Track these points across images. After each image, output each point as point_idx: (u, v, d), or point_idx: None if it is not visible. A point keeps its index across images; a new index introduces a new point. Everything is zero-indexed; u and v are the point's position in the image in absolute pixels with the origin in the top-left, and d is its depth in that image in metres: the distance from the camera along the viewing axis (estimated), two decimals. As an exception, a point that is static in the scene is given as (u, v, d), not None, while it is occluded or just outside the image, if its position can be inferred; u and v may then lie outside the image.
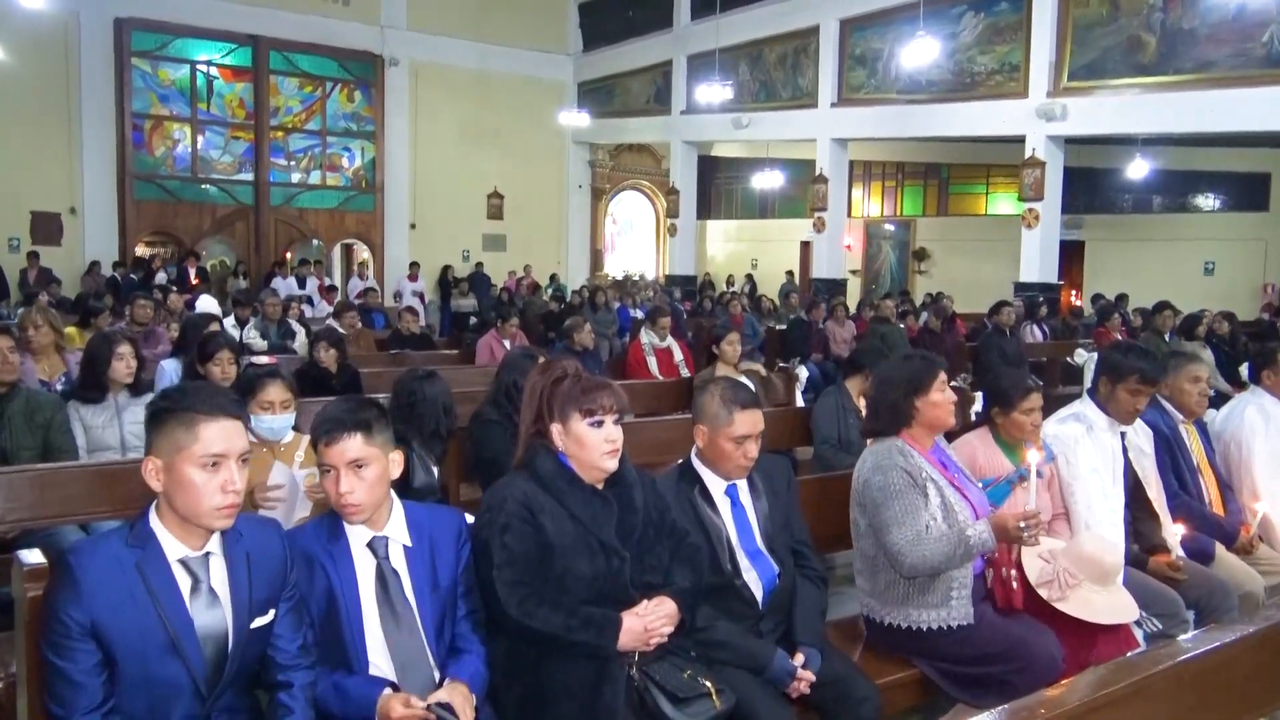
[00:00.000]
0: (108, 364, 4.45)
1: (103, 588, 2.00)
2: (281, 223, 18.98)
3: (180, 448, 2.03)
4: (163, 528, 2.08)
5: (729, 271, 23.53)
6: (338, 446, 2.31)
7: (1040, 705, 1.92)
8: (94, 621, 1.97)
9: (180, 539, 2.08)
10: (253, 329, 9.00)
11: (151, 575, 2.04)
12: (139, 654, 2.01)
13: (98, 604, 1.98)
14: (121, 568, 2.03)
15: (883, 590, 3.14)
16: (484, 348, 8.52)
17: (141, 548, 2.06)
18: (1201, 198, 19.63)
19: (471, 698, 2.31)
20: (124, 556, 2.04)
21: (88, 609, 1.97)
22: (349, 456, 2.31)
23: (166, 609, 2.03)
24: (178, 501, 2.05)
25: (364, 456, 2.32)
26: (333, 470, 2.32)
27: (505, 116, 20.89)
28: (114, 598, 2.00)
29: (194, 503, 2.04)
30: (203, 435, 2.04)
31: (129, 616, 2.00)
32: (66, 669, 1.96)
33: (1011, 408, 3.57)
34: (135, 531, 2.08)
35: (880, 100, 15.61)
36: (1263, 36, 11.48)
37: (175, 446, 2.03)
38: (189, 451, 2.03)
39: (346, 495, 2.30)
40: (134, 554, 2.04)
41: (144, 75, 17.49)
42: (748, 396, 2.96)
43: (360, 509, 2.33)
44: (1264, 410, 4.27)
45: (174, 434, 2.04)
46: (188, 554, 2.08)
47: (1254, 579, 3.79)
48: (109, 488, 3.80)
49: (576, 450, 2.50)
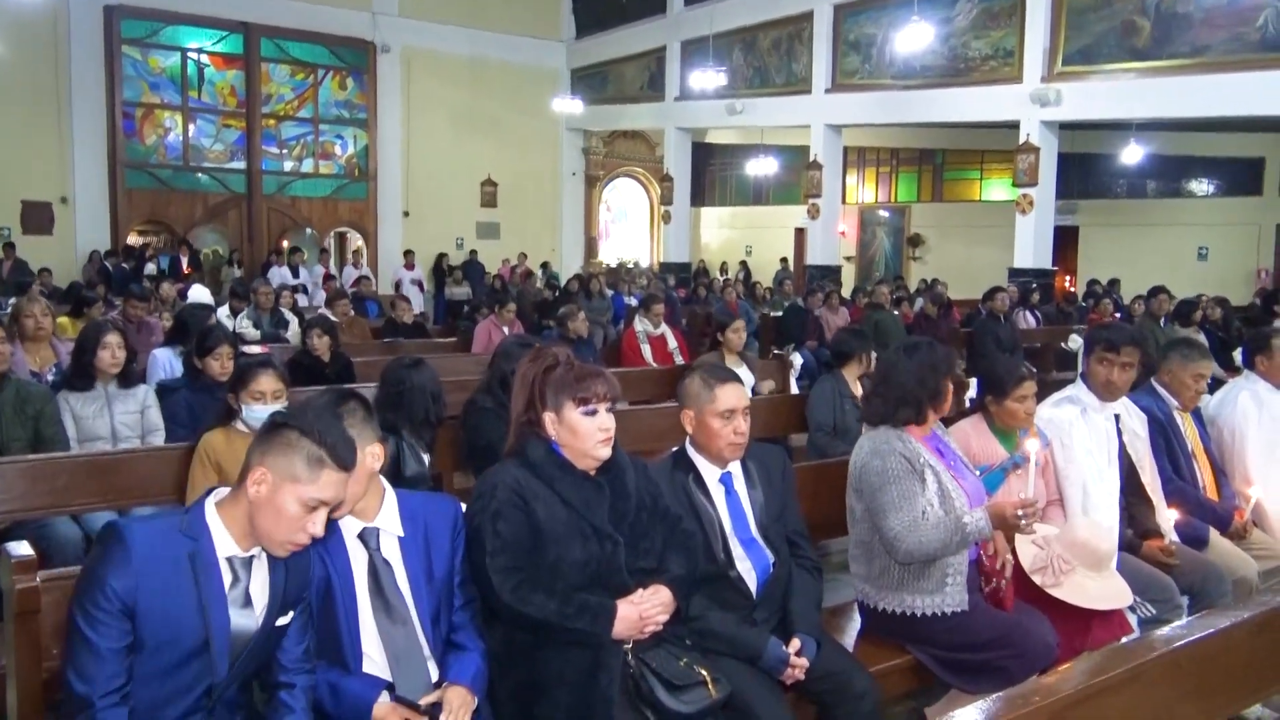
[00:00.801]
0: (94, 354, 4.43)
1: (152, 568, 1.96)
2: (274, 211, 18.91)
3: (296, 478, 2.01)
4: (219, 523, 2.06)
5: (723, 258, 23.51)
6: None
7: (1035, 692, 1.92)
8: (136, 601, 1.94)
9: (235, 537, 2.06)
10: (245, 318, 8.96)
11: (201, 569, 2.01)
12: (169, 646, 1.98)
13: (144, 584, 1.94)
14: (173, 554, 2.00)
15: (878, 576, 3.13)
16: (482, 334, 8.49)
17: (195, 539, 2.03)
18: (1195, 183, 19.62)
19: (471, 701, 2.30)
20: (177, 543, 2.01)
21: (134, 586, 1.93)
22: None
23: (210, 608, 2.01)
24: (261, 518, 2.03)
25: None
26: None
27: (498, 103, 20.80)
28: (161, 584, 1.97)
29: (276, 529, 2.03)
30: (322, 480, 2.03)
31: (171, 607, 1.97)
32: (96, 642, 1.92)
33: (1005, 395, 3.57)
34: (188, 522, 2.05)
35: (874, 86, 15.56)
36: (1257, 21, 11.45)
37: (292, 475, 2.01)
38: (300, 488, 2.01)
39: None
40: (187, 543, 2.02)
41: (134, 63, 17.38)
42: (727, 373, 2.96)
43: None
44: (1257, 396, 4.27)
45: (296, 462, 2.01)
46: (236, 553, 2.07)
47: (1247, 564, 3.79)
48: (100, 478, 3.79)
49: (570, 439, 2.49)
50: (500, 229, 21.33)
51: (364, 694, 2.25)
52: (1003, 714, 1.81)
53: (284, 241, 18.63)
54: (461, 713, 2.26)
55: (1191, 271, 17.57)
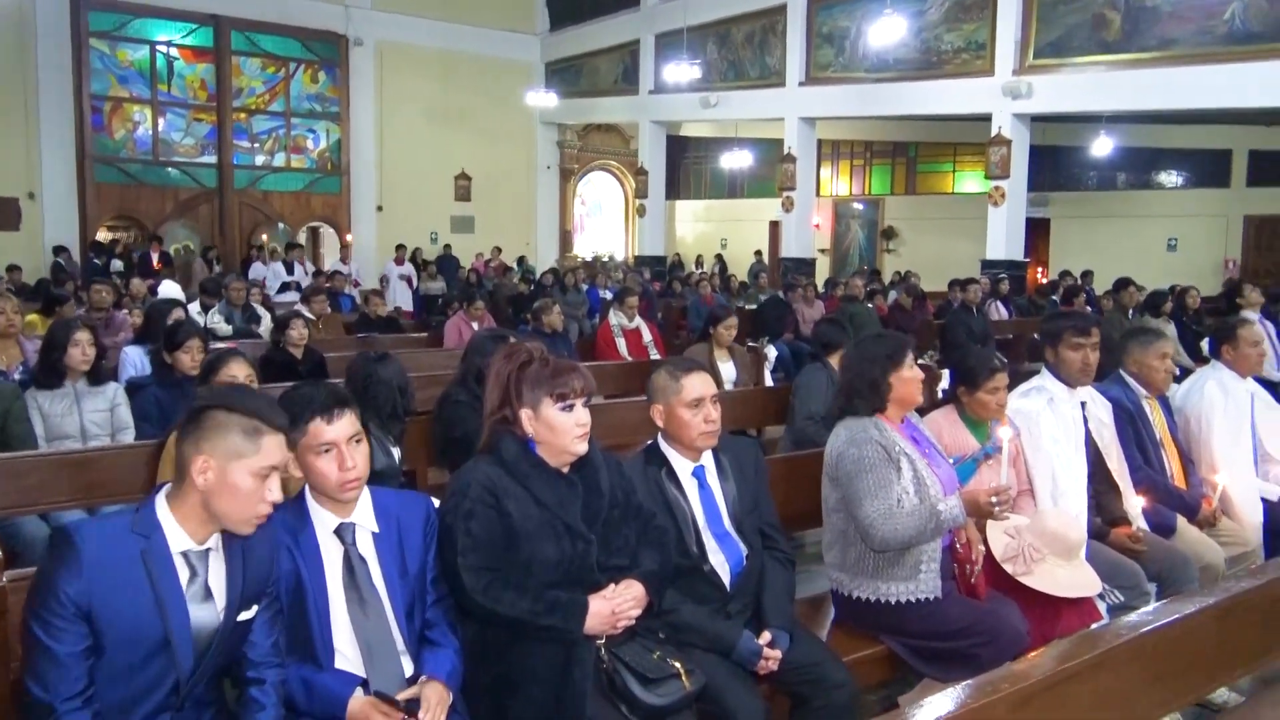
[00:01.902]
0: (64, 351, 4.39)
1: (104, 571, 1.95)
2: (246, 206, 18.75)
3: (239, 454, 2.01)
4: (171, 518, 2.04)
5: (698, 252, 23.54)
6: (340, 422, 2.31)
7: (1005, 679, 1.94)
8: (91, 604, 1.92)
9: (189, 531, 2.05)
10: (217, 314, 8.89)
11: (155, 566, 2.00)
12: (129, 645, 1.97)
13: (97, 587, 1.93)
14: (126, 554, 1.98)
15: (853, 564, 3.15)
16: (452, 330, 8.47)
17: (146, 536, 2.01)
18: (1165, 174, 19.83)
19: (448, 697, 2.30)
20: (129, 543, 2.00)
21: (87, 589, 1.92)
22: (350, 431, 2.31)
23: (167, 602, 2.00)
24: (218, 502, 2.02)
25: (359, 431, 2.35)
26: (334, 448, 2.29)
27: (472, 97, 20.71)
28: (115, 584, 1.95)
29: (237, 508, 2.03)
30: (264, 446, 2.03)
31: (127, 606, 1.96)
32: (54, 648, 1.91)
33: (977, 387, 3.61)
34: (140, 518, 2.03)
35: (848, 79, 15.62)
36: (1224, 14, 11.58)
37: (234, 452, 2.01)
38: (248, 460, 2.01)
39: (352, 470, 2.29)
40: (139, 542, 2.00)
41: (102, 56, 17.18)
42: (692, 363, 2.98)
43: (360, 483, 2.33)
44: (1223, 385, 4.32)
45: (233, 438, 2.01)
46: (191, 547, 2.05)
47: (1214, 551, 3.84)
48: (69, 476, 3.76)
49: (548, 435, 2.48)
50: (475, 223, 21.27)
51: (339, 690, 2.24)
52: (972, 701, 1.83)
53: (265, 236, 18.43)
54: (439, 709, 2.26)
55: (1161, 262, 17.77)
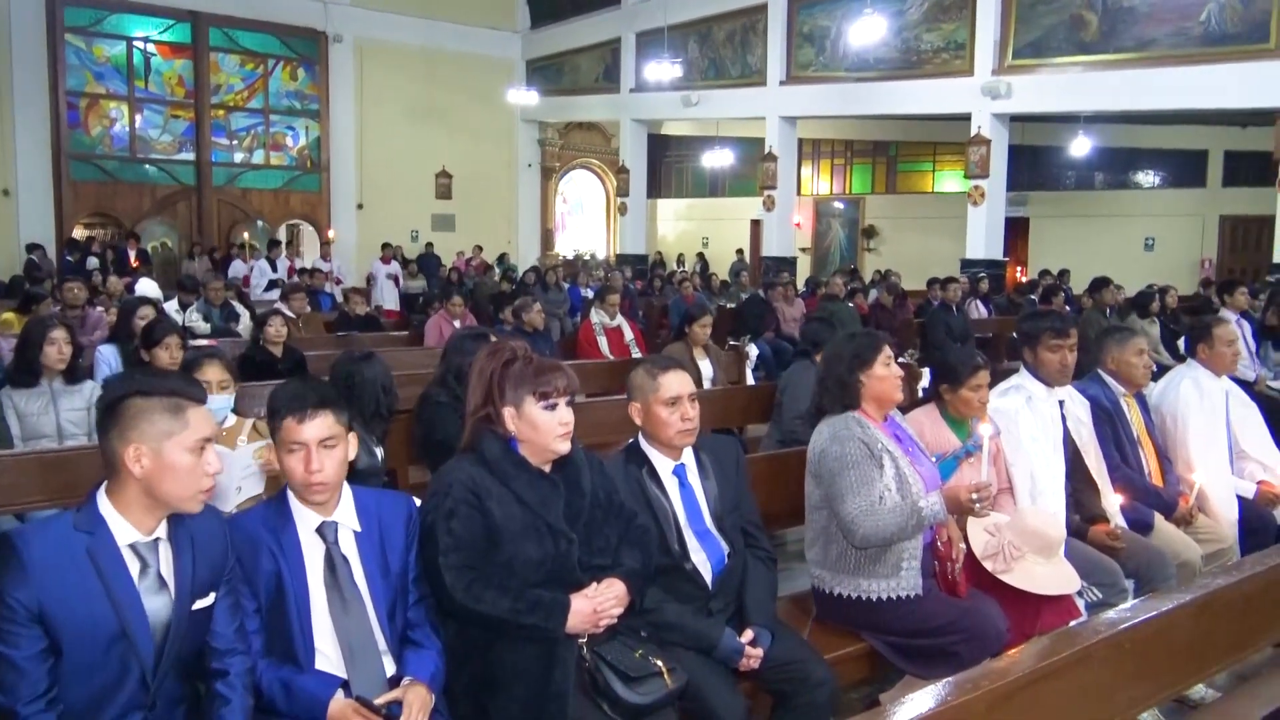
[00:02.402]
0: (40, 349, 4.34)
1: (51, 572, 1.94)
2: (224, 203, 18.63)
3: (169, 433, 2.01)
4: (114, 512, 2.03)
5: (680, 250, 23.56)
6: (311, 423, 2.29)
7: (985, 676, 1.95)
8: (41, 606, 1.92)
9: (134, 523, 2.04)
10: (195, 312, 8.82)
11: (102, 560, 1.99)
12: (87, 641, 1.96)
13: (46, 588, 1.93)
14: (70, 552, 1.97)
15: (834, 561, 3.17)
16: (433, 328, 8.45)
17: (90, 532, 2.00)
18: (1142, 174, 20.01)
19: (430, 700, 2.29)
20: (72, 541, 1.99)
21: (35, 593, 1.92)
22: (321, 434, 2.29)
23: (118, 595, 1.98)
24: (162, 487, 2.01)
25: (334, 435, 2.31)
26: (302, 448, 2.28)
27: (453, 94, 20.64)
28: (62, 583, 1.95)
29: (182, 486, 2.02)
30: (191, 420, 2.03)
31: (78, 602, 1.95)
32: (10, 655, 1.90)
33: (960, 385, 3.62)
34: (83, 516, 2.02)
35: (828, 78, 15.66)
36: (1200, 15, 11.69)
37: (163, 432, 2.00)
38: (179, 438, 2.01)
39: (317, 474, 2.27)
40: (83, 539, 1.99)
41: (78, 52, 17.02)
42: (669, 361, 3.00)
43: (326, 488, 2.30)
44: (1198, 384, 4.36)
45: (157, 420, 2.01)
46: (138, 539, 2.04)
47: (1191, 548, 3.87)
48: (46, 476, 3.73)
49: (530, 434, 2.47)
50: (455, 221, 21.20)
51: (318, 692, 2.23)
52: (953, 698, 1.84)
53: (246, 234, 18.30)
54: (421, 715, 2.24)
55: (1139, 261, 17.91)
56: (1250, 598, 2.62)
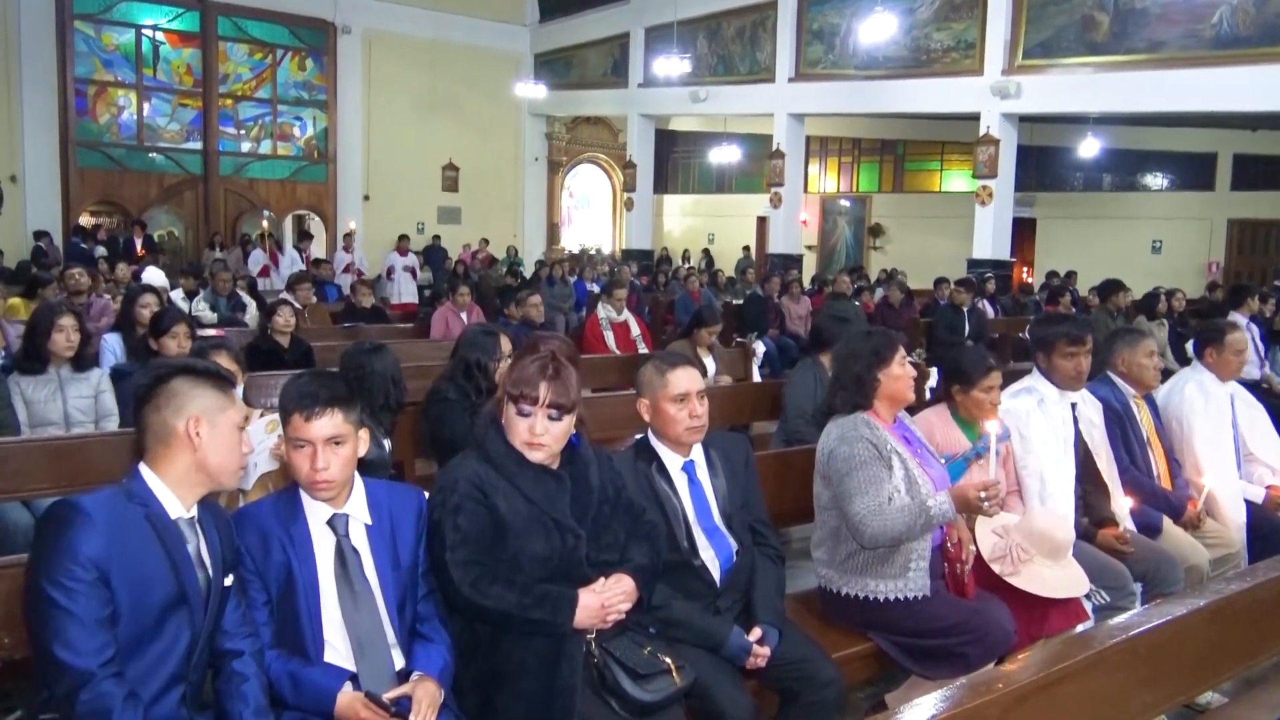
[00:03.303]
0: (48, 336, 4.34)
1: (119, 533, 1.96)
2: (231, 193, 18.61)
3: (221, 407, 2.12)
4: (162, 485, 2.07)
5: (685, 246, 23.53)
6: (318, 422, 2.28)
7: (998, 679, 1.94)
8: (110, 567, 1.92)
9: (178, 498, 2.09)
10: (202, 301, 8.83)
11: (162, 529, 2.03)
12: (145, 607, 1.97)
13: (114, 549, 1.94)
14: (131, 520, 2.00)
15: (842, 561, 3.16)
16: (439, 320, 8.42)
17: (145, 504, 2.04)
18: (1150, 177, 19.94)
19: (439, 695, 2.28)
20: (130, 511, 2.01)
21: (105, 551, 1.92)
22: (328, 433, 2.28)
23: (180, 561, 2.03)
24: (215, 457, 2.09)
25: (342, 434, 2.30)
26: (308, 446, 2.28)
27: (460, 87, 20.61)
28: (128, 546, 1.97)
29: (230, 459, 2.12)
30: (236, 399, 2.18)
31: (142, 567, 1.97)
32: (80, 613, 1.88)
33: (972, 385, 3.61)
34: (132, 490, 2.05)
35: (837, 76, 15.63)
36: (1212, 18, 11.65)
37: (217, 406, 2.11)
38: (230, 413, 2.13)
39: (322, 473, 2.27)
40: (139, 509, 2.02)
41: (87, 39, 16.99)
42: (678, 358, 2.98)
43: (332, 486, 2.30)
44: (1203, 387, 4.35)
45: (211, 394, 2.12)
46: (181, 514, 2.09)
47: (1199, 552, 3.86)
48: (53, 463, 3.72)
49: (509, 433, 2.48)
50: (462, 214, 21.17)
51: (327, 684, 2.21)
52: (967, 700, 1.83)
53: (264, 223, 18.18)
54: (430, 711, 2.23)
55: (1146, 264, 17.86)
56: (1262, 604, 2.61)
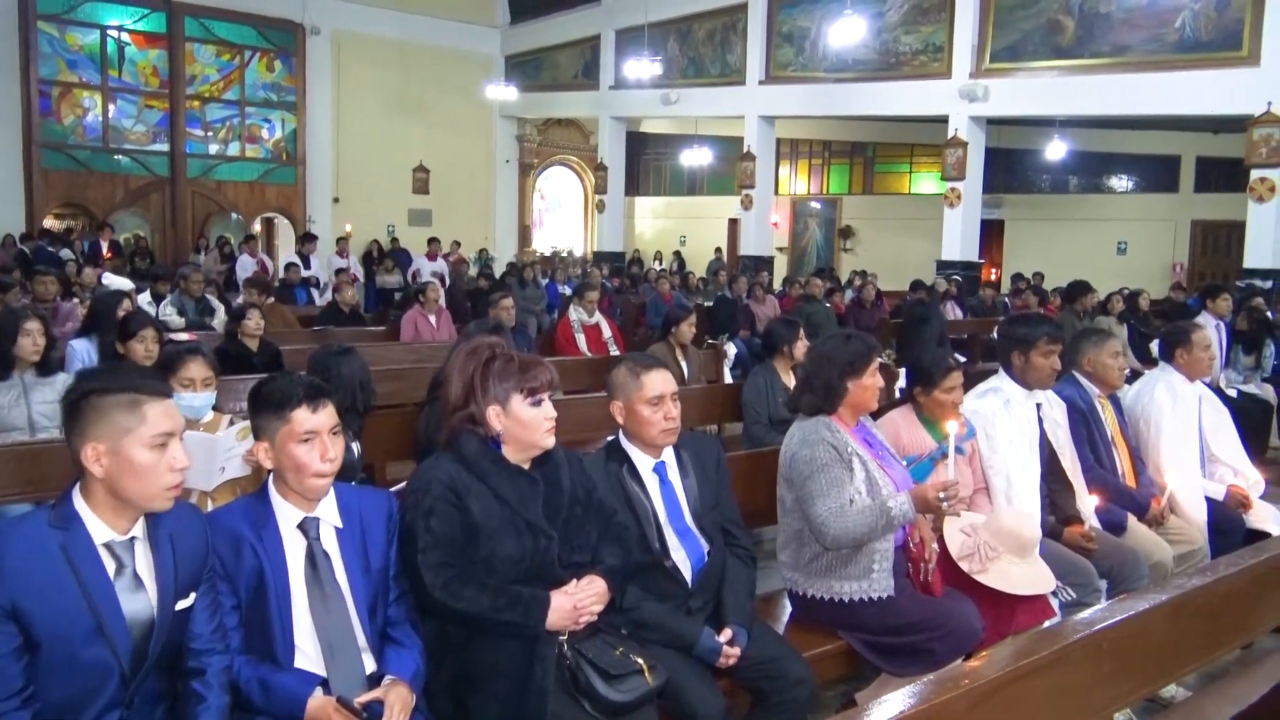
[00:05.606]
0: (13, 340, 4.28)
1: (25, 569, 1.92)
2: (199, 195, 18.44)
3: (126, 430, 1.97)
4: (89, 511, 2.00)
5: (657, 248, 23.55)
6: (324, 411, 2.28)
7: (964, 675, 1.96)
8: (15, 603, 1.90)
9: (107, 522, 2.01)
10: (169, 305, 8.72)
11: (77, 558, 1.97)
12: (63, 638, 1.94)
13: (20, 586, 1.90)
14: (44, 550, 1.95)
15: (806, 563, 3.18)
16: (408, 324, 8.39)
17: (65, 530, 1.98)
18: (1116, 179, 20.22)
19: (411, 700, 2.28)
20: (46, 538, 1.96)
21: (9, 590, 1.90)
22: (332, 421, 2.29)
23: (93, 593, 1.96)
24: (125, 485, 1.97)
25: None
26: (316, 437, 2.26)
27: (431, 89, 20.54)
28: (37, 580, 1.92)
29: (144, 485, 1.98)
30: (149, 416, 1.99)
31: (53, 600, 1.93)
32: None
33: (934, 386, 3.65)
34: (57, 514, 2.00)
35: (807, 79, 15.73)
36: (1175, 22, 11.84)
37: (120, 429, 1.97)
38: (137, 434, 1.97)
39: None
40: (57, 536, 1.97)
41: (51, 40, 16.78)
42: (652, 360, 2.98)
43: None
44: (1172, 388, 4.41)
45: (115, 417, 1.97)
46: (113, 538, 2.02)
47: (1163, 548, 3.92)
48: (17, 469, 3.67)
49: (518, 430, 2.47)
50: (432, 216, 21.07)
51: (297, 690, 2.20)
52: (934, 696, 1.85)
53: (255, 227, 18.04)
54: (402, 715, 2.23)
55: (1111, 265, 18.10)
56: (1223, 599, 2.65)
